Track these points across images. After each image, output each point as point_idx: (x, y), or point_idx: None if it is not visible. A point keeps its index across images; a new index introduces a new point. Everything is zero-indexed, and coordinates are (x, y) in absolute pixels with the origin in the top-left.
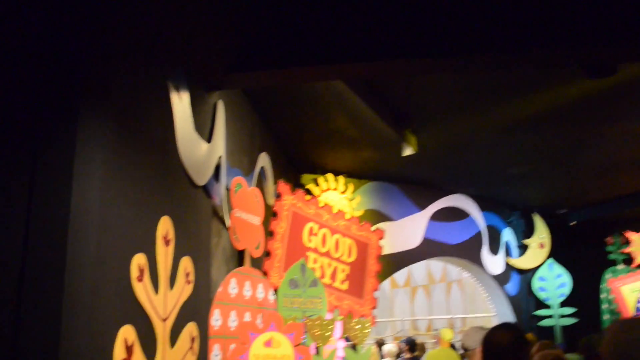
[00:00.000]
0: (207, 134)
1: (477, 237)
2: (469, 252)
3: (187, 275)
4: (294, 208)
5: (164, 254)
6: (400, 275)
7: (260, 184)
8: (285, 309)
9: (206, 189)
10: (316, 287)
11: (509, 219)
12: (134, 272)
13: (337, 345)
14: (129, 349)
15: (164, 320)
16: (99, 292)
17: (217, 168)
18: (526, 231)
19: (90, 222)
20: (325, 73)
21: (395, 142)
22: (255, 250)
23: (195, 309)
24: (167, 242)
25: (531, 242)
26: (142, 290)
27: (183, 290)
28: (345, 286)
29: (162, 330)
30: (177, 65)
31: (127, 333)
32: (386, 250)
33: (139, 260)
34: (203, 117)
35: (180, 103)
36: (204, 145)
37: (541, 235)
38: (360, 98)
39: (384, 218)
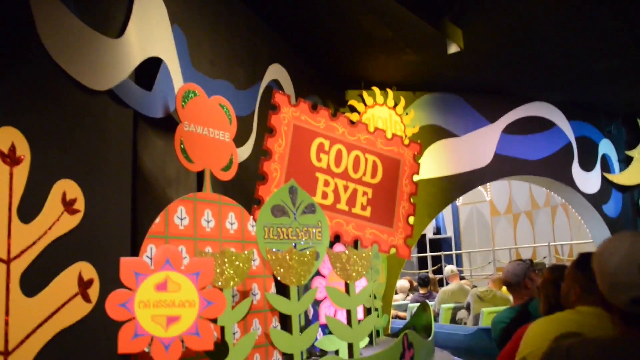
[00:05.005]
0: (117, 29)
1: (565, 150)
2: (554, 168)
3: (69, 203)
4: (296, 121)
5: (5, 175)
6: (500, 202)
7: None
8: (267, 242)
9: (116, 96)
10: (313, 214)
11: (607, 128)
12: None
13: (319, 282)
14: None
15: (7, 261)
16: None
17: (154, 72)
18: (629, 141)
19: None
20: None
21: (436, 38)
22: (223, 172)
23: (93, 246)
24: (11, 161)
25: (636, 153)
26: None
27: (58, 222)
28: (367, 212)
29: (2, 274)
30: None
31: None
32: (451, 171)
33: None
34: (104, 6)
35: None
36: (104, 41)
37: None
38: None
39: (446, 134)
